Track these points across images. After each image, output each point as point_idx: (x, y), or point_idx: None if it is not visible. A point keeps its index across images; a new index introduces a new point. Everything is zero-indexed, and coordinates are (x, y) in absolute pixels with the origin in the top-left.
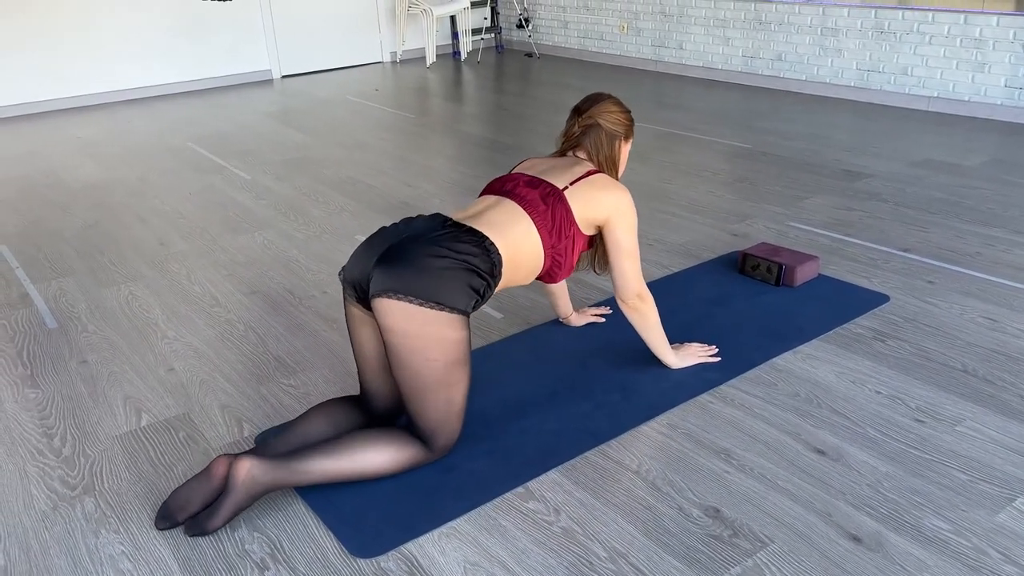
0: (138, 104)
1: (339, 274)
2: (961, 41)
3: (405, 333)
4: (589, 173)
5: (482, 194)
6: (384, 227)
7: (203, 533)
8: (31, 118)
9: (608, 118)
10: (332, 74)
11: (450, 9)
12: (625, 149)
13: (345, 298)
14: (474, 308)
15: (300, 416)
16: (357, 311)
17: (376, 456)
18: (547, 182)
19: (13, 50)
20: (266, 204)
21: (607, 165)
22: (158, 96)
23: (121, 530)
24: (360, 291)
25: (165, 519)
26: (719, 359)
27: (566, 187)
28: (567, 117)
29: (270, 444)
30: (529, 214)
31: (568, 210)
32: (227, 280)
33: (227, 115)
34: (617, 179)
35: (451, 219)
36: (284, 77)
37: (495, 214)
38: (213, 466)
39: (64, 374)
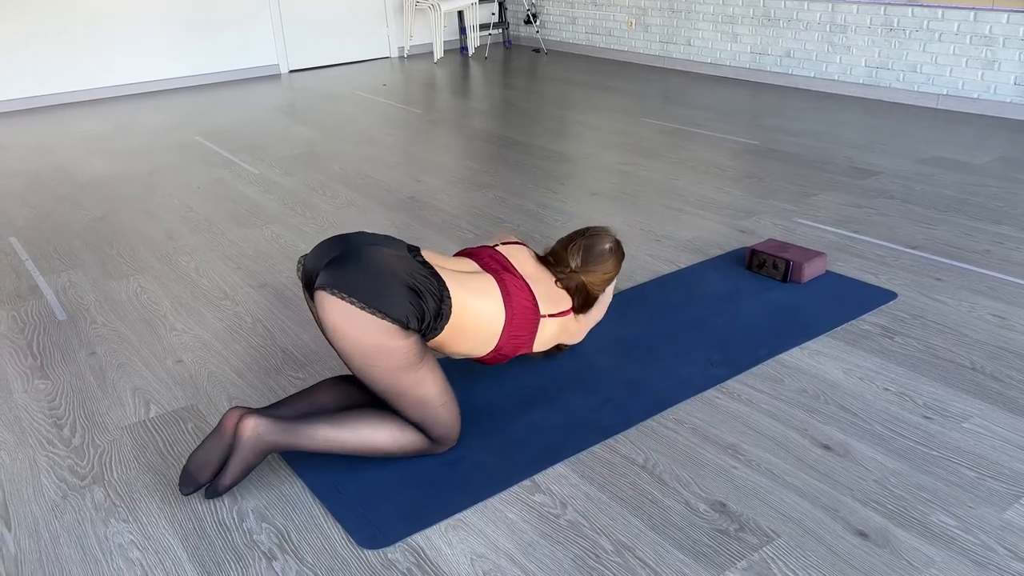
0: (146, 98)
1: (298, 262)
2: (971, 38)
3: (344, 335)
4: (565, 312)
5: (460, 254)
6: (360, 232)
7: (218, 494)
8: (40, 112)
9: (598, 280)
10: (340, 69)
11: (458, 4)
12: (607, 292)
13: (304, 294)
14: (413, 327)
15: (311, 386)
16: (314, 309)
17: (379, 433)
18: (534, 296)
19: (22, 45)
20: (274, 198)
21: (585, 307)
22: (166, 90)
23: (130, 519)
24: (309, 283)
25: (188, 484)
26: None
27: (545, 316)
28: (571, 235)
29: (279, 408)
30: (505, 307)
31: (534, 332)
32: (235, 273)
33: (235, 110)
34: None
35: (420, 254)
36: (292, 72)
37: (470, 280)
38: (224, 420)
39: (73, 365)
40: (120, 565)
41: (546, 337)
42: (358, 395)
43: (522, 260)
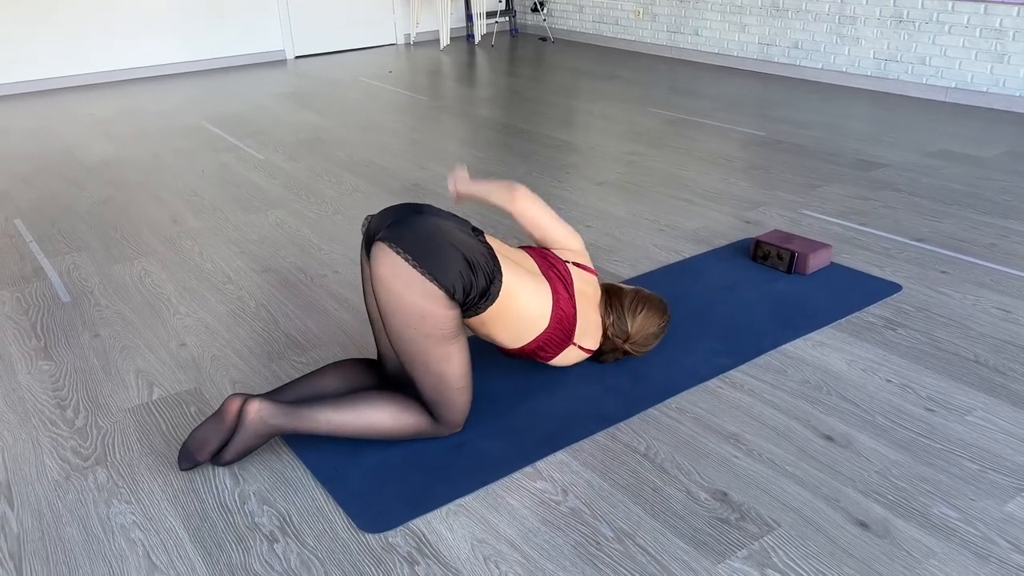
0: (151, 82)
1: (363, 221)
2: (980, 31)
3: (388, 288)
4: (590, 351)
5: (524, 249)
6: (424, 204)
7: (220, 464)
8: (44, 95)
9: (638, 351)
10: (346, 55)
11: None
12: None
13: (361, 253)
14: (458, 298)
15: (315, 371)
16: (367, 265)
17: (381, 415)
18: (576, 322)
19: (27, 28)
20: (279, 184)
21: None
22: (172, 75)
23: (132, 500)
24: (370, 240)
25: (186, 459)
26: None
27: (575, 345)
28: (641, 299)
29: (283, 392)
30: (550, 318)
31: (560, 351)
32: (239, 258)
33: (241, 95)
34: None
35: (484, 235)
36: (298, 58)
37: (526, 277)
38: (226, 404)
39: (77, 347)
40: (122, 545)
41: (567, 358)
42: (361, 379)
43: (583, 285)
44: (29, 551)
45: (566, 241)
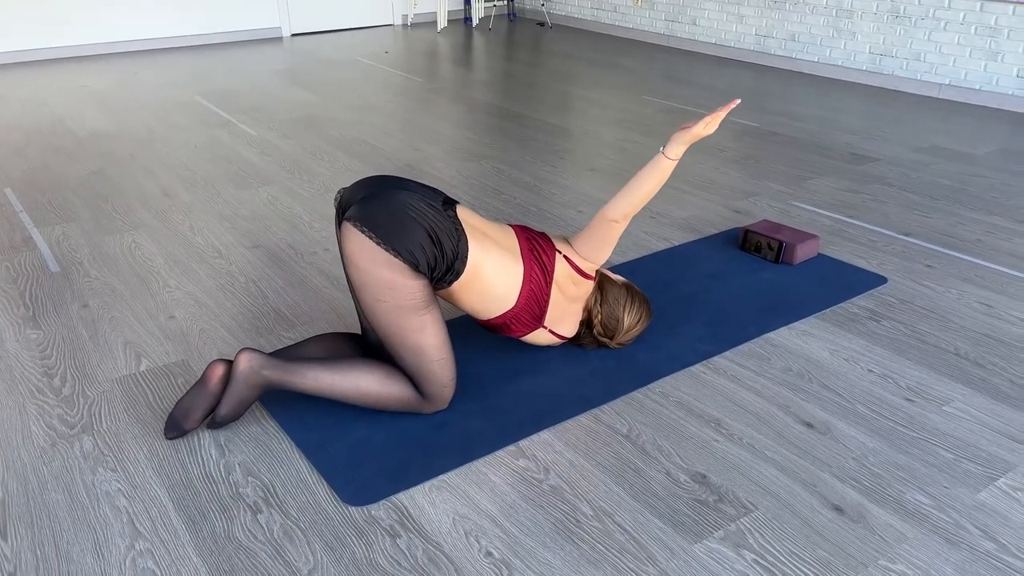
0: (145, 56)
1: (336, 193)
2: (976, 28)
3: (356, 266)
4: (563, 338)
5: (515, 227)
6: (399, 177)
7: (218, 425)
8: (37, 65)
9: (613, 344)
10: (342, 34)
11: None
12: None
13: (336, 228)
14: (423, 271)
15: (299, 342)
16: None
17: (369, 380)
18: (547, 306)
19: None
20: (271, 160)
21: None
22: (166, 48)
23: (118, 469)
24: (341, 214)
25: (172, 428)
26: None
27: (546, 328)
28: (634, 300)
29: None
30: (517, 298)
31: (528, 332)
32: (230, 233)
33: (235, 71)
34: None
35: (455, 208)
36: (294, 35)
37: (496, 252)
38: (209, 370)
39: (65, 317)
40: (107, 512)
41: (538, 338)
42: (344, 351)
43: (567, 279)
44: (14, 515)
45: (595, 255)
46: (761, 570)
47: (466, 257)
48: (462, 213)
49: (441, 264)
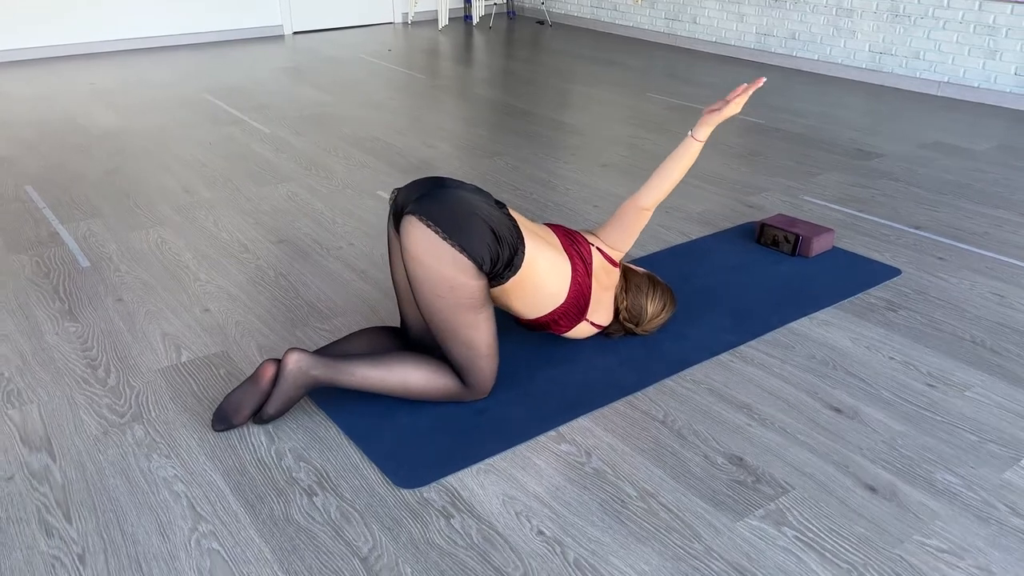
0: (149, 53)
1: (391, 194)
2: (974, 27)
3: (419, 261)
4: (600, 327)
5: (549, 226)
6: (450, 178)
7: (264, 422)
8: (43, 63)
9: (641, 331)
10: (343, 32)
11: None
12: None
13: (388, 225)
14: (486, 268)
15: (342, 338)
16: (395, 237)
17: (415, 374)
18: (590, 300)
19: None
20: (287, 157)
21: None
22: (168, 47)
23: (172, 455)
24: (398, 213)
25: (221, 421)
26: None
27: (588, 320)
28: (656, 289)
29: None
30: (567, 293)
31: (573, 325)
32: (254, 228)
33: (240, 68)
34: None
35: (507, 208)
36: (296, 33)
37: (548, 250)
38: (260, 369)
39: (102, 310)
40: (166, 496)
41: (580, 332)
42: (387, 345)
43: (601, 270)
44: (76, 500)
45: (624, 243)
46: (803, 546)
47: (524, 255)
48: (512, 212)
49: (501, 262)
